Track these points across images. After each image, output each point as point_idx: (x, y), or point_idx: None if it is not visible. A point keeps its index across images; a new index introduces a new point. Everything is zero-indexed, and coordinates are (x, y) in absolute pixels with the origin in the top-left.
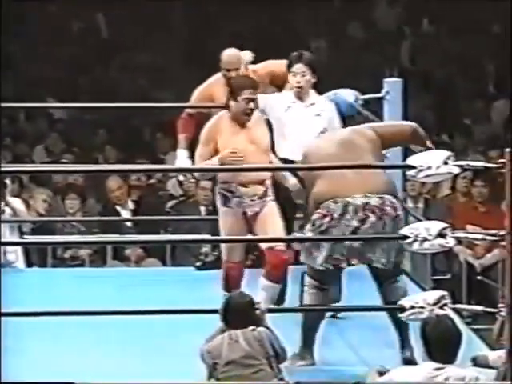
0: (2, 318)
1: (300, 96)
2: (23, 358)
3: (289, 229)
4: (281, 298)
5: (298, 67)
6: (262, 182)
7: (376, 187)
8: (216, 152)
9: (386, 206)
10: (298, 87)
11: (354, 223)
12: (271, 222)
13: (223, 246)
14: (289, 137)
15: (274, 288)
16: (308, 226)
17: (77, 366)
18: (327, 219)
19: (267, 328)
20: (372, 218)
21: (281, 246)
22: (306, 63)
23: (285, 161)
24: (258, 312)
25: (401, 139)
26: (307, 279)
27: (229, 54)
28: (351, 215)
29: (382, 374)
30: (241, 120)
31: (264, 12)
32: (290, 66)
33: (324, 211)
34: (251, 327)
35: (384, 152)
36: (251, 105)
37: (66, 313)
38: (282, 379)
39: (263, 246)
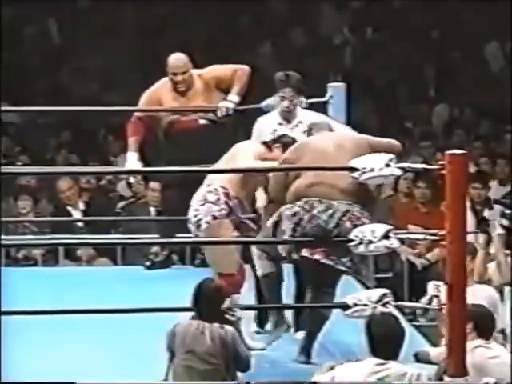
0: None
1: (286, 117)
2: None
3: None
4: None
5: (287, 91)
6: None
7: (359, 197)
8: None
9: (364, 218)
10: (287, 112)
11: (330, 226)
12: None
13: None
14: None
15: None
16: (287, 212)
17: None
18: (308, 215)
19: (237, 330)
20: (347, 225)
21: None
22: (295, 87)
23: None
24: (232, 318)
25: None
26: (256, 252)
27: (175, 57)
28: (327, 217)
29: (332, 368)
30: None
31: (212, 17)
32: (276, 86)
33: (307, 207)
34: (220, 324)
35: None
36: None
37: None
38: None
39: None
